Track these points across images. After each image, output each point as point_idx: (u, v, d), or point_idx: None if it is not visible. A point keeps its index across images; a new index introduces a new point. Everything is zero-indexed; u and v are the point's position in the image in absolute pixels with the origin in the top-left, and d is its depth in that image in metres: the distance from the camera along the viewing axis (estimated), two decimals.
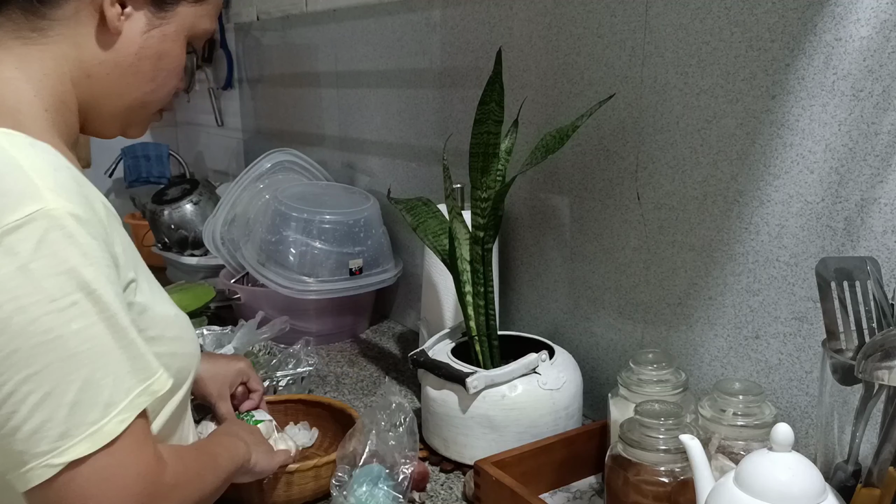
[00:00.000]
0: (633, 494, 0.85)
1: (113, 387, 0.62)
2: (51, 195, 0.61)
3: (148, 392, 0.65)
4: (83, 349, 0.61)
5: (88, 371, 0.61)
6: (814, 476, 0.68)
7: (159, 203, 2.05)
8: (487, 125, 1.04)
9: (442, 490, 1.05)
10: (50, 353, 0.59)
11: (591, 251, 1.20)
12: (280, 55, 2.10)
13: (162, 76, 0.79)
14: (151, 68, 0.77)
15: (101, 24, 0.73)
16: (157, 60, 0.77)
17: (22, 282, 0.59)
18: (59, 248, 0.60)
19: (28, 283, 0.59)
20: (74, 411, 0.60)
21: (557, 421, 1.08)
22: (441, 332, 1.22)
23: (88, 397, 0.60)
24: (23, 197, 0.60)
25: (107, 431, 0.61)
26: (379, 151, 1.72)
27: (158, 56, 0.77)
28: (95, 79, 0.75)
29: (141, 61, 0.76)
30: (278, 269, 1.55)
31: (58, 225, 0.60)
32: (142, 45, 0.75)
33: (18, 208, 0.59)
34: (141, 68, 0.76)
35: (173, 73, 0.80)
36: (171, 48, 0.78)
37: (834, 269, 0.74)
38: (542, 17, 1.22)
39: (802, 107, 0.89)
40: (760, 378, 0.97)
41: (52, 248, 0.60)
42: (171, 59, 0.79)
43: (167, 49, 0.78)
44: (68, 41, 0.73)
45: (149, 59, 0.76)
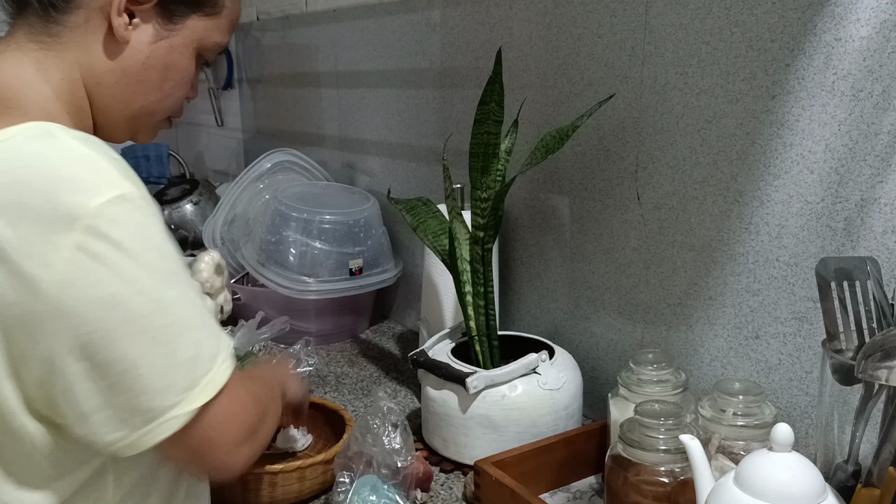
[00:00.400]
0: (633, 494, 0.85)
1: (214, 340, 0.69)
2: (124, 181, 0.65)
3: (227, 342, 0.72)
4: (186, 311, 0.67)
5: (195, 329, 0.68)
6: (814, 476, 0.68)
7: (159, 203, 2.05)
8: (487, 125, 1.04)
9: (442, 490, 1.05)
10: (161, 318, 0.65)
11: (591, 251, 1.20)
12: (280, 55, 2.10)
13: (169, 86, 0.80)
14: (158, 78, 0.79)
15: (109, 33, 0.75)
16: (164, 71, 0.79)
17: (121, 259, 0.63)
18: (144, 226, 0.66)
19: (127, 260, 0.63)
20: (192, 366, 0.67)
21: (557, 421, 1.08)
22: (441, 332, 1.22)
23: (200, 352, 0.68)
24: (102, 183, 0.64)
25: (219, 380, 0.68)
26: (379, 151, 1.72)
27: (165, 67, 0.79)
28: (105, 86, 0.77)
29: (148, 71, 0.78)
30: (278, 269, 1.55)
31: (137, 206, 0.65)
32: (149, 55, 0.77)
33: (102, 193, 0.63)
34: (148, 77, 0.78)
35: (181, 84, 0.82)
36: (178, 59, 0.80)
37: (834, 269, 0.74)
38: (542, 17, 1.22)
39: (802, 107, 0.89)
40: (760, 378, 0.97)
41: (139, 226, 0.65)
42: (178, 69, 0.80)
43: (174, 60, 0.79)
44: (80, 48, 0.75)
45: (156, 69, 0.78)
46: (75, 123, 0.74)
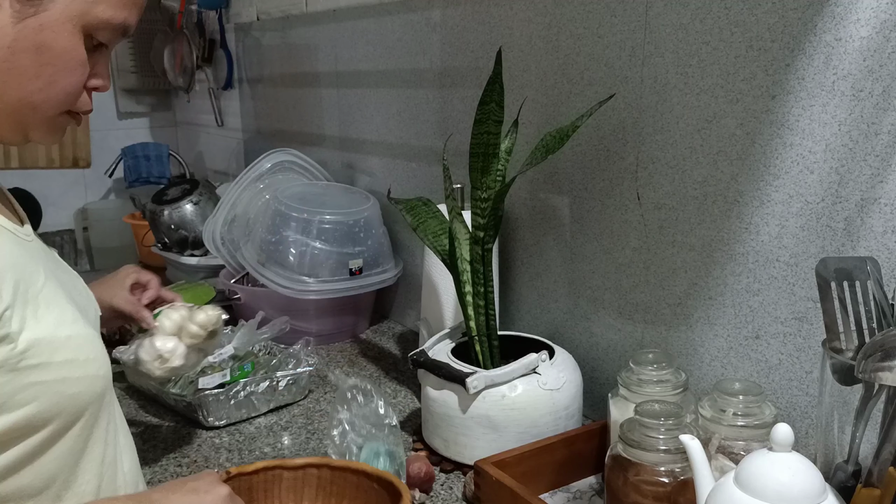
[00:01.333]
0: (633, 494, 0.85)
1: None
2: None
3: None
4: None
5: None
6: (814, 476, 0.68)
7: (159, 203, 2.05)
8: (487, 125, 1.04)
9: (442, 490, 1.05)
10: None
11: (591, 251, 1.20)
12: (280, 55, 2.10)
13: (48, 72, 0.68)
14: (32, 64, 0.67)
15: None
16: (36, 55, 0.67)
17: None
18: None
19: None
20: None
21: (557, 421, 1.08)
22: (441, 332, 1.22)
23: None
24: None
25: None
26: (379, 151, 1.72)
27: (38, 50, 0.67)
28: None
29: (16, 56, 0.66)
30: (278, 270, 1.55)
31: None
32: (15, 37, 0.66)
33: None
34: (17, 64, 0.67)
35: (64, 69, 0.69)
36: (54, 40, 0.67)
37: (834, 269, 0.74)
38: (542, 17, 1.22)
39: (802, 107, 0.89)
40: (760, 378, 0.97)
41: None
42: (56, 52, 0.68)
43: (48, 41, 0.67)
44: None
45: (25, 52, 0.66)
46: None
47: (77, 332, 0.72)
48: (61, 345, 0.70)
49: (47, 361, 0.68)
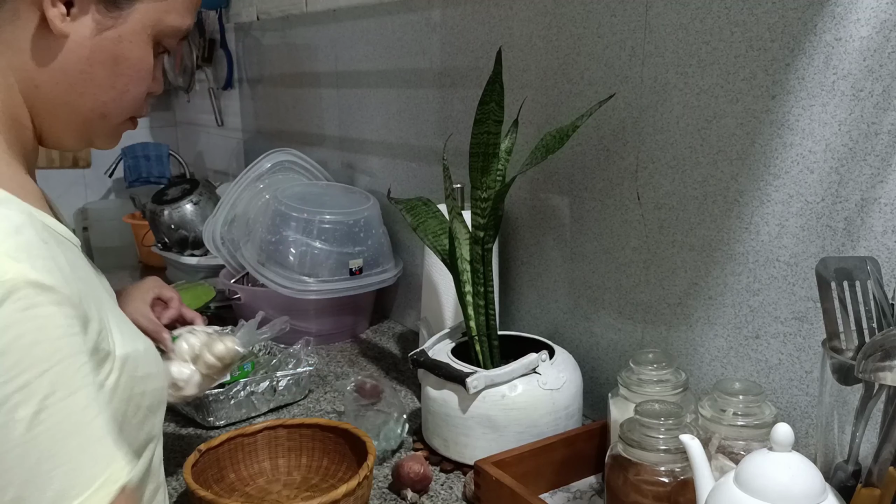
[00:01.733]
0: (633, 494, 0.85)
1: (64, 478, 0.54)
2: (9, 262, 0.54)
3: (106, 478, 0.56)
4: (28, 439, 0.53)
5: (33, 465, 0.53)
6: (814, 476, 0.68)
7: (159, 203, 2.05)
8: (487, 125, 1.04)
9: (442, 490, 1.05)
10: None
11: (591, 251, 1.20)
12: (280, 55, 2.10)
13: (122, 82, 0.69)
14: (108, 74, 0.68)
15: (43, 27, 0.65)
16: (113, 66, 0.68)
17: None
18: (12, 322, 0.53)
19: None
20: None
21: (557, 421, 1.08)
22: (441, 332, 1.22)
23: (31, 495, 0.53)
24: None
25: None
26: (379, 151, 1.72)
27: (115, 61, 0.68)
28: (44, 90, 0.67)
29: (94, 67, 0.67)
30: (278, 269, 1.55)
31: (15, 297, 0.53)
32: (94, 48, 0.67)
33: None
34: (95, 75, 0.68)
35: (137, 79, 0.71)
36: (130, 51, 0.69)
37: (834, 269, 0.74)
38: (542, 17, 1.22)
39: (802, 107, 0.89)
40: (760, 378, 0.97)
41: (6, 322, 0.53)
42: (131, 62, 0.69)
43: (125, 52, 0.68)
44: (10, 48, 0.65)
45: (103, 64, 0.68)
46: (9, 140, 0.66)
47: (147, 345, 0.74)
48: (141, 359, 0.70)
49: (132, 376, 0.68)
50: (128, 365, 0.67)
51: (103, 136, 0.74)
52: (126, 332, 0.70)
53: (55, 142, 0.72)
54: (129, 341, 0.69)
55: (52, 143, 0.72)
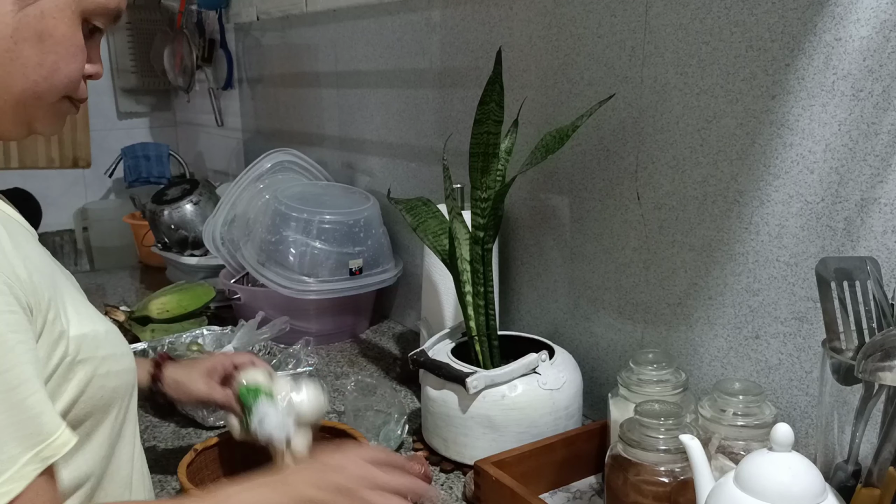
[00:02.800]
0: (633, 494, 0.85)
1: None
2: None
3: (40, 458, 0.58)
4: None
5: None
6: (814, 476, 0.68)
7: (159, 203, 2.05)
8: (487, 125, 1.04)
9: (442, 490, 1.05)
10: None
11: (591, 251, 1.20)
12: (280, 55, 2.10)
13: (51, 60, 0.67)
14: (35, 52, 0.67)
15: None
16: (39, 42, 0.66)
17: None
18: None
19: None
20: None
21: (557, 421, 1.08)
22: (441, 332, 1.22)
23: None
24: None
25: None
26: (379, 151, 1.72)
27: (39, 37, 0.66)
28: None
29: (19, 45, 0.65)
30: (278, 269, 1.55)
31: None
32: (16, 26, 0.65)
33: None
34: (21, 53, 0.66)
35: (66, 56, 0.68)
36: (55, 27, 0.67)
37: (834, 269, 0.74)
38: (542, 17, 1.22)
39: (802, 107, 0.89)
40: (760, 378, 0.97)
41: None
42: (56, 38, 0.67)
43: (50, 28, 0.66)
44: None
45: (28, 41, 0.66)
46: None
47: (109, 327, 0.74)
48: (102, 340, 0.71)
49: (92, 356, 0.69)
50: (86, 344, 0.68)
51: (42, 118, 0.71)
52: (84, 313, 0.71)
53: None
54: (88, 322, 0.70)
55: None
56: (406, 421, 1.16)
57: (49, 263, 0.71)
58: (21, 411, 0.58)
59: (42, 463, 0.58)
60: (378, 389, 1.21)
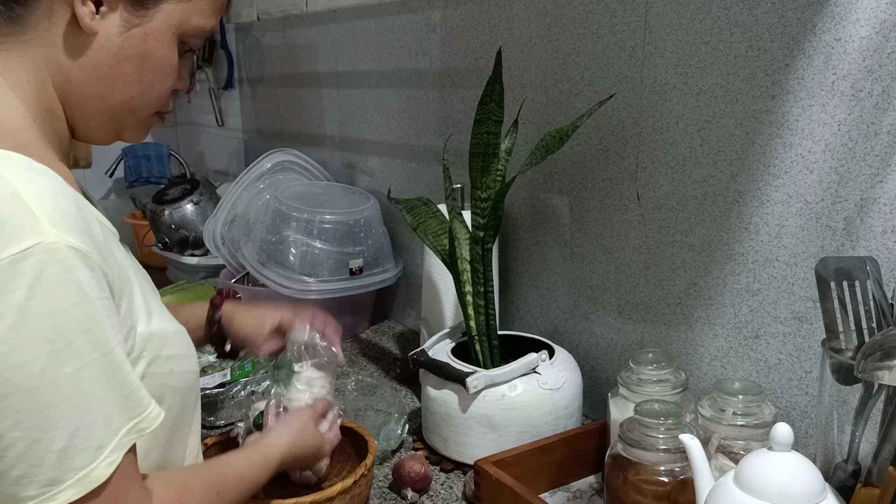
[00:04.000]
0: (632, 494, 0.85)
1: (103, 429, 0.60)
2: (50, 226, 0.58)
3: (136, 430, 0.63)
4: (75, 393, 0.59)
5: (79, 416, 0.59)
6: (813, 476, 0.68)
7: (160, 203, 2.05)
8: (487, 125, 1.04)
9: (442, 490, 1.05)
10: (41, 398, 0.57)
11: (591, 251, 1.20)
12: (280, 55, 2.10)
13: (149, 78, 0.73)
14: (135, 70, 0.72)
15: (75, 24, 0.68)
16: (140, 62, 0.72)
17: (17, 321, 0.56)
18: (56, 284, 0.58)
19: (23, 323, 0.57)
20: (63, 457, 0.58)
21: (557, 420, 1.08)
22: (441, 332, 1.22)
23: (78, 442, 0.59)
24: (22, 228, 0.57)
25: (95, 476, 0.59)
26: (379, 151, 1.72)
27: (142, 57, 0.72)
28: (75, 83, 0.70)
29: (121, 63, 0.71)
30: (278, 269, 1.55)
31: (57, 259, 0.58)
32: (121, 45, 0.70)
33: (17, 241, 0.57)
34: (122, 71, 0.71)
35: (162, 76, 0.74)
36: (156, 48, 0.72)
37: (834, 269, 0.75)
38: (542, 18, 1.22)
39: (802, 107, 0.89)
40: (760, 378, 0.97)
41: (49, 285, 0.57)
42: (157, 60, 0.73)
43: (151, 49, 0.72)
44: (46, 44, 0.69)
45: (130, 60, 0.71)
46: (45, 130, 0.70)
47: (178, 328, 0.76)
48: (169, 338, 0.73)
49: (157, 355, 0.71)
50: (152, 342, 0.70)
51: (132, 129, 0.77)
52: (155, 312, 0.73)
53: (86, 135, 0.75)
54: (158, 321, 0.72)
55: (83, 136, 0.75)
56: (406, 420, 1.16)
57: (127, 261, 0.73)
58: (125, 386, 0.62)
59: (138, 434, 0.63)
60: (378, 389, 1.21)
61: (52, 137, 0.71)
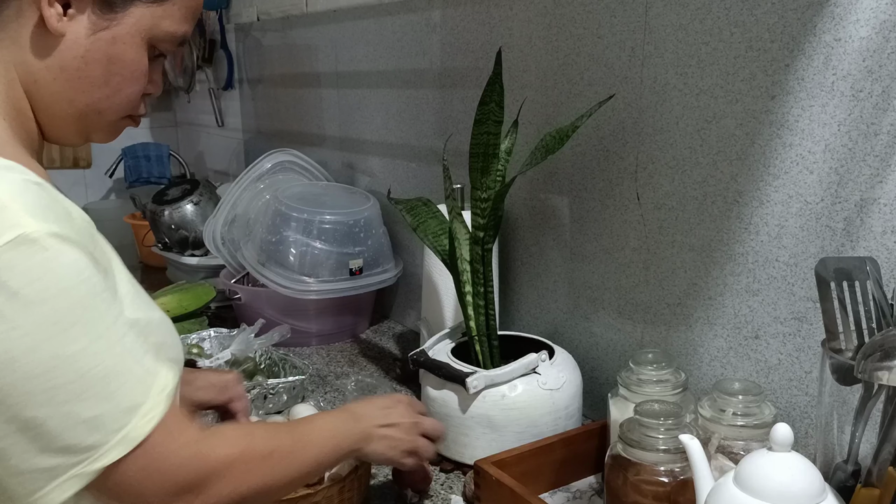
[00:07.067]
0: (632, 494, 0.85)
1: (131, 391, 0.63)
2: (28, 218, 0.60)
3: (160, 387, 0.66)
4: (92, 364, 0.61)
5: (100, 385, 0.62)
6: (813, 476, 0.68)
7: (160, 203, 2.05)
8: (487, 125, 1.04)
9: (442, 490, 1.05)
10: (60, 376, 0.60)
11: (591, 251, 1.20)
12: (280, 55, 2.10)
13: (116, 81, 0.73)
14: (102, 73, 0.72)
15: (43, 25, 0.69)
16: (107, 65, 0.72)
17: (17, 311, 0.58)
18: (46, 270, 0.60)
19: (23, 312, 0.58)
20: (100, 423, 0.61)
21: (557, 421, 1.08)
22: (441, 332, 1.22)
23: (107, 410, 0.62)
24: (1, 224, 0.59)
25: (135, 435, 0.63)
26: (379, 151, 1.72)
27: (109, 60, 0.72)
28: (42, 84, 0.71)
29: (89, 66, 0.71)
30: (279, 270, 1.55)
31: (41, 247, 0.59)
32: (88, 48, 0.71)
33: None
34: (89, 73, 0.72)
35: (130, 79, 0.74)
36: (123, 52, 0.72)
37: (833, 270, 0.74)
38: (542, 18, 1.22)
39: (802, 107, 0.89)
40: (760, 378, 0.97)
41: (39, 271, 0.59)
42: (124, 63, 0.73)
43: (119, 53, 0.72)
44: (14, 44, 0.69)
45: (98, 63, 0.72)
46: (14, 128, 0.70)
47: (163, 316, 0.77)
48: (154, 326, 0.74)
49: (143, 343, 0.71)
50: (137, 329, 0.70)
51: (99, 130, 0.77)
52: (139, 300, 0.73)
53: (55, 135, 0.76)
54: (142, 309, 0.73)
55: (53, 136, 0.76)
56: None
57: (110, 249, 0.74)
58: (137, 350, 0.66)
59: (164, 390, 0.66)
60: (378, 389, 1.21)
61: (22, 137, 0.72)
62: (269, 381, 1.28)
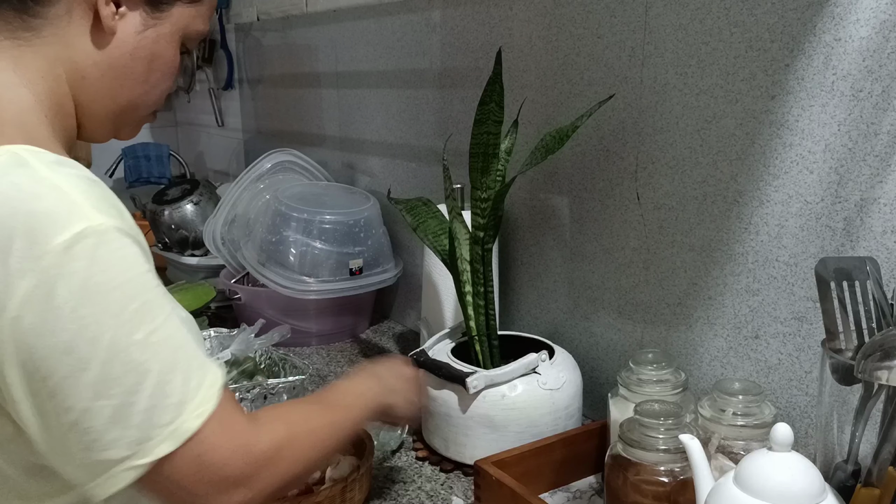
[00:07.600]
0: (632, 494, 0.85)
1: (182, 385, 0.64)
2: (93, 212, 0.62)
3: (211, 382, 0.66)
4: (148, 357, 0.62)
5: (156, 377, 0.62)
6: (813, 476, 0.68)
7: (160, 203, 2.05)
8: (487, 125, 1.04)
9: (442, 490, 1.05)
10: (117, 367, 0.61)
11: (591, 251, 1.20)
12: (280, 56, 2.10)
13: (154, 77, 0.77)
14: (144, 69, 0.76)
15: (95, 23, 0.72)
16: (150, 62, 0.76)
17: (82, 301, 0.60)
18: (111, 262, 0.62)
19: (88, 302, 0.60)
20: (148, 417, 0.62)
21: (557, 421, 1.08)
22: (441, 332, 1.22)
23: (160, 401, 0.62)
24: (69, 216, 0.60)
25: (185, 428, 0.63)
26: (379, 152, 1.72)
27: (152, 57, 0.76)
28: (89, 80, 0.73)
29: (134, 62, 0.75)
30: (279, 269, 1.55)
31: (106, 240, 0.61)
32: (136, 45, 0.74)
33: (67, 228, 0.60)
34: (134, 69, 0.75)
35: (166, 75, 0.79)
36: (164, 49, 0.77)
37: (833, 270, 0.75)
38: (542, 18, 1.22)
39: (802, 107, 0.89)
40: (760, 378, 0.97)
41: (104, 263, 0.61)
42: (164, 60, 0.77)
43: (161, 50, 0.76)
44: (62, 42, 0.71)
45: (142, 60, 0.75)
46: (56, 127, 0.72)
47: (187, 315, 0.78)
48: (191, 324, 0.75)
49: None
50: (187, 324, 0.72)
51: (129, 126, 0.81)
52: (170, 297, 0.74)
53: (89, 132, 0.78)
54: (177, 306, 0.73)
55: (86, 134, 0.78)
56: None
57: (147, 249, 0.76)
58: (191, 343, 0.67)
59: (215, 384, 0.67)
60: None
61: (61, 134, 0.73)
62: (269, 381, 1.28)
